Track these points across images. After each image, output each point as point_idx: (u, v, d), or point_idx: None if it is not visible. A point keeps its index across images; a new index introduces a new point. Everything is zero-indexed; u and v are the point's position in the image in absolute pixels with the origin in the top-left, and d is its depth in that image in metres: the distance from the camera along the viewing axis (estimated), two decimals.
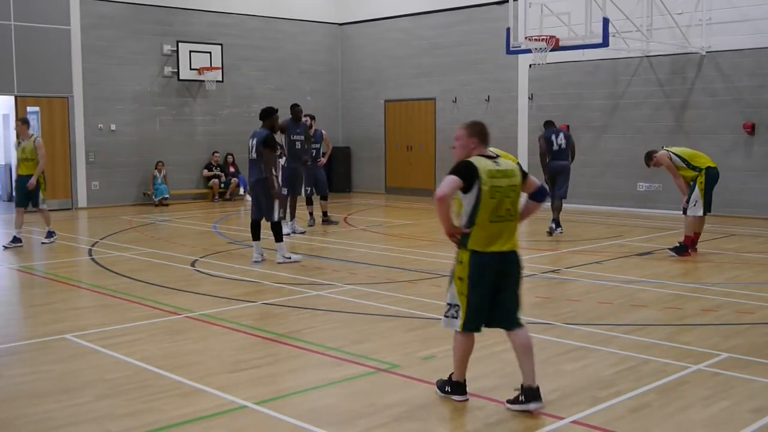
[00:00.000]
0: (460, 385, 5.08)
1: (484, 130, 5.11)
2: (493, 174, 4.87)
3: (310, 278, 9.29)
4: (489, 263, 4.87)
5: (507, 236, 4.93)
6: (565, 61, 17.09)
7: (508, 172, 4.93)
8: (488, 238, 4.87)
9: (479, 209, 4.85)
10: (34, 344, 6.60)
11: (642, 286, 8.76)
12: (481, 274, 4.86)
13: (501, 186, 4.87)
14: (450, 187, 4.83)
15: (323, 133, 14.48)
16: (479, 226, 4.87)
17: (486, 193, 4.82)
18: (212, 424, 4.72)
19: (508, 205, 4.90)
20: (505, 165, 4.98)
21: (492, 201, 4.84)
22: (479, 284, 4.87)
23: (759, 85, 14.97)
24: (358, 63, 22.24)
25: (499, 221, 4.89)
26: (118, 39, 18.53)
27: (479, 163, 4.88)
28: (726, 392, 5.21)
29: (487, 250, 4.87)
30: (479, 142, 5.06)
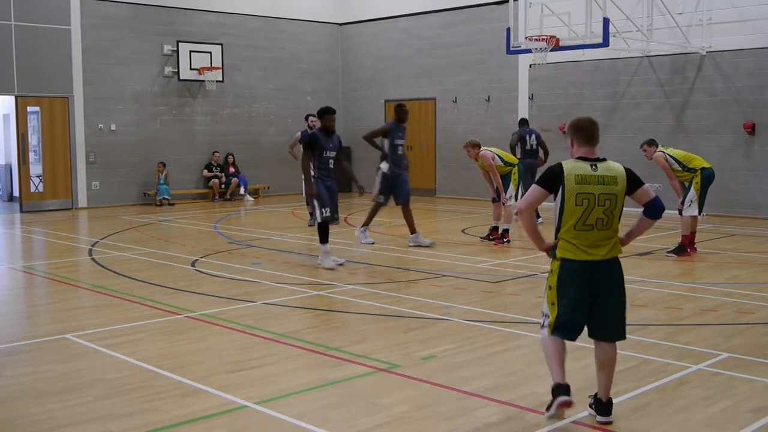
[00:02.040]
0: (561, 386, 4.61)
1: (583, 127, 4.85)
2: (585, 179, 4.60)
3: (310, 278, 9.30)
4: (578, 270, 4.62)
5: (598, 245, 4.63)
6: (565, 61, 17.09)
7: (609, 179, 4.63)
8: (575, 246, 4.62)
9: (564, 214, 4.63)
10: (35, 344, 6.60)
11: (642, 286, 8.76)
12: (571, 282, 4.63)
13: (591, 193, 4.58)
14: (530, 200, 4.69)
15: None
16: (566, 234, 4.64)
17: (571, 199, 4.58)
18: (212, 424, 4.72)
19: (599, 214, 4.60)
20: (605, 171, 4.66)
21: (578, 208, 4.58)
22: (570, 291, 4.63)
23: (759, 85, 14.97)
24: (359, 63, 22.25)
25: (586, 230, 4.60)
26: (119, 39, 18.53)
27: (570, 166, 4.68)
28: (726, 392, 5.21)
29: (575, 258, 4.62)
30: (574, 141, 4.85)
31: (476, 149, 11.75)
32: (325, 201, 9.96)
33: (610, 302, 4.68)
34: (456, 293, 8.42)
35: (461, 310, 7.62)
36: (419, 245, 11.68)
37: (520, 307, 7.98)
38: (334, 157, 10.10)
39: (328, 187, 10.07)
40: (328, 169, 10.09)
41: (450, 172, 20.00)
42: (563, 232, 4.65)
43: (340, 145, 10.24)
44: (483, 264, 10.24)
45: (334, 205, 10.09)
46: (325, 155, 10.01)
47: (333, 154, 10.08)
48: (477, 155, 11.78)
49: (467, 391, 5.25)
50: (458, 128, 19.55)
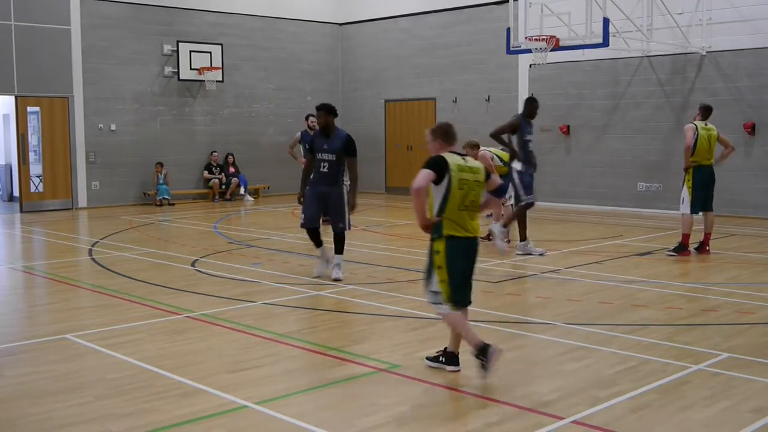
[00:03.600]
0: (454, 356, 5.63)
1: (448, 131, 5.66)
2: (462, 168, 5.45)
3: (310, 278, 9.29)
4: (463, 246, 5.46)
5: (473, 224, 5.54)
6: (565, 61, 17.09)
7: (476, 170, 5.55)
8: (459, 224, 5.44)
9: (449, 199, 5.38)
10: (35, 344, 6.60)
11: (642, 286, 8.76)
12: (457, 256, 5.44)
13: (467, 180, 5.44)
14: (425, 180, 5.34)
15: None
16: (450, 215, 5.41)
17: (455, 184, 5.38)
18: (212, 424, 4.72)
19: (472, 197, 5.48)
20: (472, 163, 5.60)
21: (460, 192, 5.41)
22: (458, 265, 5.45)
23: (759, 85, 14.97)
24: (358, 63, 22.25)
25: (465, 210, 5.46)
26: (119, 39, 18.53)
27: (450, 158, 5.46)
28: (726, 392, 5.21)
29: (460, 235, 5.44)
30: (442, 144, 5.62)
31: (476, 150, 11.75)
32: (304, 207, 9.26)
33: (471, 274, 5.62)
34: None
35: None
36: (528, 254, 10.95)
37: (520, 307, 7.98)
38: (328, 160, 9.04)
39: (319, 193, 9.14)
40: (320, 173, 9.09)
41: None
42: (447, 212, 5.42)
43: (341, 148, 9.05)
44: (483, 264, 10.23)
45: (316, 213, 9.26)
46: (318, 157, 9.11)
47: (327, 156, 9.03)
48: (476, 156, 11.76)
49: (467, 391, 5.25)
50: (458, 128, 19.41)
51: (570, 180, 17.76)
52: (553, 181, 17.98)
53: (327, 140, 9.09)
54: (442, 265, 5.43)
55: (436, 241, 5.46)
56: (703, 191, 10.74)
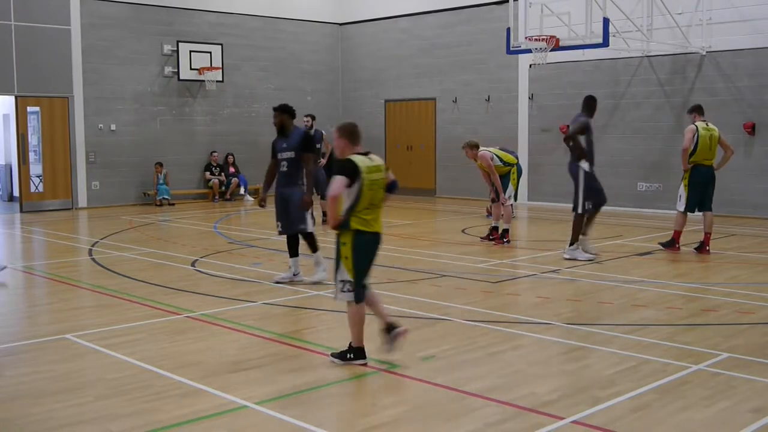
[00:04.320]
0: (361, 350, 5.85)
1: (354, 131, 5.87)
2: (370, 169, 5.71)
3: (310, 278, 9.28)
4: (368, 240, 5.78)
5: (378, 220, 5.87)
6: (565, 61, 17.09)
7: (380, 167, 5.83)
8: (367, 221, 5.75)
9: (361, 200, 5.68)
10: (35, 344, 6.60)
11: (642, 286, 8.76)
12: (363, 249, 5.77)
13: (376, 179, 5.75)
14: (341, 187, 5.63)
15: (323, 134, 14.48)
16: (359, 213, 5.71)
17: (366, 185, 5.68)
18: (212, 424, 4.72)
19: (380, 195, 5.82)
20: (377, 161, 5.83)
21: (370, 192, 5.71)
22: (363, 257, 5.77)
23: (759, 85, 14.97)
24: (358, 63, 22.25)
25: (372, 208, 5.78)
26: (119, 39, 18.53)
27: (359, 161, 5.68)
28: (726, 392, 5.21)
29: (368, 230, 5.76)
30: (348, 143, 5.83)
31: (475, 150, 11.75)
32: (276, 214, 9.16)
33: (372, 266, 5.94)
34: (456, 293, 8.42)
35: (461, 310, 7.62)
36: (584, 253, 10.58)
37: (520, 307, 7.98)
38: (287, 158, 8.85)
39: (282, 197, 9.04)
40: (281, 173, 8.95)
41: (450, 172, 20.00)
42: (357, 211, 5.70)
43: (298, 144, 8.82)
44: (483, 264, 10.24)
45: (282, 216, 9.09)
46: (278, 158, 8.94)
47: (285, 155, 8.85)
48: (476, 156, 11.78)
49: (467, 391, 5.25)
50: (458, 128, 19.54)
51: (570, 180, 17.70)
52: (553, 181, 17.98)
53: (285, 140, 8.94)
54: (348, 256, 5.74)
55: (343, 234, 5.76)
56: (700, 191, 10.85)
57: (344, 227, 5.74)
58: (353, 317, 5.82)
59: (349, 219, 5.71)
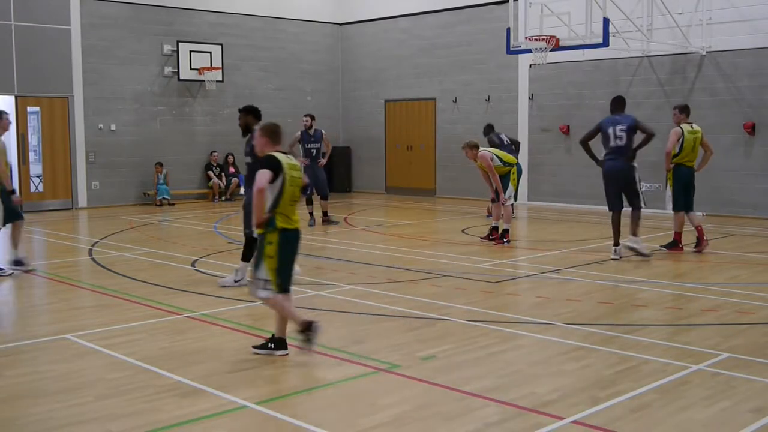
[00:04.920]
0: (283, 341, 6.10)
1: (276, 131, 6.11)
2: (291, 167, 5.95)
3: (310, 278, 9.29)
4: (292, 237, 5.95)
5: (296, 217, 6.04)
6: (565, 61, 17.09)
7: (298, 167, 6.09)
8: (290, 218, 5.93)
9: (283, 195, 5.85)
10: (35, 344, 6.60)
11: (642, 286, 8.76)
12: (288, 246, 5.92)
13: (295, 177, 5.97)
14: (266, 180, 5.77)
15: (323, 133, 14.49)
16: (283, 209, 5.87)
17: (288, 182, 5.88)
18: (212, 424, 4.72)
19: (298, 192, 6.02)
20: (294, 161, 6.05)
21: (291, 188, 5.91)
22: (288, 254, 5.93)
23: (759, 85, 14.97)
24: (358, 63, 22.25)
25: (293, 205, 5.98)
26: (119, 39, 18.53)
27: (281, 157, 5.91)
28: (726, 392, 5.21)
29: (291, 227, 5.93)
30: (269, 141, 6.06)
31: (475, 150, 11.75)
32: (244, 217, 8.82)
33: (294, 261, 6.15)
34: (456, 293, 8.42)
35: (461, 310, 7.62)
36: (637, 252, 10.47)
37: (520, 307, 7.98)
38: (247, 163, 8.75)
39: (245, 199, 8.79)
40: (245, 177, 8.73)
41: (450, 172, 20.00)
42: (280, 207, 5.86)
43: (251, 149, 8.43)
44: (483, 264, 10.24)
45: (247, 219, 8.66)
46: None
47: (246, 159, 8.80)
48: (476, 156, 11.77)
49: (467, 391, 5.25)
50: (458, 128, 19.54)
51: (570, 180, 17.76)
52: (553, 181, 17.99)
53: (247, 143, 8.76)
54: (273, 255, 5.87)
55: (269, 234, 5.87)
56: (685, 190, 11.04)
57: (270, 225, 5.86)
58: (277, 307, 6.03)
59: (274, 216, 5.86)
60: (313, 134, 14.25)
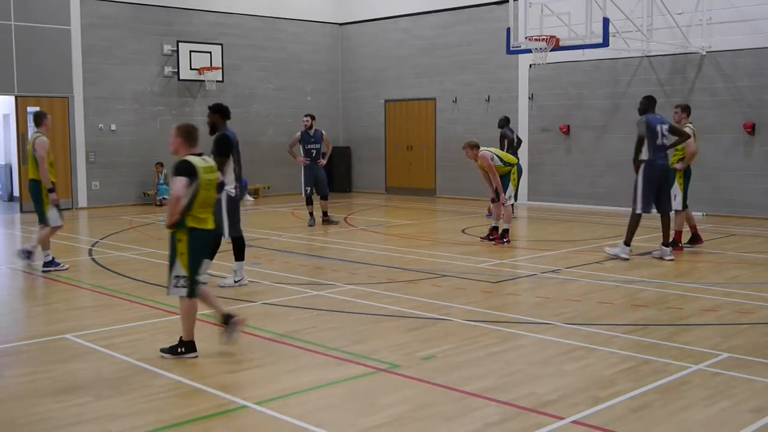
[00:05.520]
0: (192, 343, 6.11)
1: (191, 132, 6.21)
2: (205, 170, 6.05)
3: (310, 278, 9.29)
4: (201, 236, 6.03)
5: (211, 218, 6.14)
6: (565, 61, 17.09)
7: (213, 168, 6.18)
8: (201, 219, 6.02)
9: (196, 199, 5.94)
10: (34, 344, 6.60)
11: (642, 286, 8.76)
12: (197, 245, 6.01)
13: (210, 180, 6.08)
14: (184, 187, 5.91)
15: (323, 133, 14.49)
16: (194, 212, 5.97)
17: (203, 186, 5.99)
18: (212, 424, 4.72)
19: (212, 194, 6.14)
20: (210, 162, 6.18)
21: (205, 192, 6.02)
22: (198, 253, 6.02)
23: (759, 85, 14.97)
24: (358, 63, 22.25)
25: (205, 207, 6.07)
26: (119, 39, 18.53)
27: (195, 161, 6.00)
28: (726, 392, 5.21)
29: (202, 228, 6.02)
30: (183, 142, 6.16)
31: (475, 150, 11.75)
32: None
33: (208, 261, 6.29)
34: (456, 293, 8.42)
35: (461, 310, 7.62)
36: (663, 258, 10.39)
37: (520, 307, 7.98)
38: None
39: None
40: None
41: (450, 172, 20.00)
42: (192, 210, 5.96)
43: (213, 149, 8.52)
44: (483, 264, 10.24)
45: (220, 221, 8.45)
46: None
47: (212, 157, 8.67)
48: (476, 156, 11.77)
49: (467, 391, 5.25)
50: (458, 128, 19.55)
51: (570, 180, 17.77)
52: (553, 181, 17.99)
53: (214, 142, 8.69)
54: (184, 252, 5.97)
55: (178, 232, 5.99)
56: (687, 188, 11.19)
57: (180, 226, 5.97)
58: (186, 311, 6.07)
59: (185, 218, 5.95)
60: (313, 134, 14.25)
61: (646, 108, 10.68)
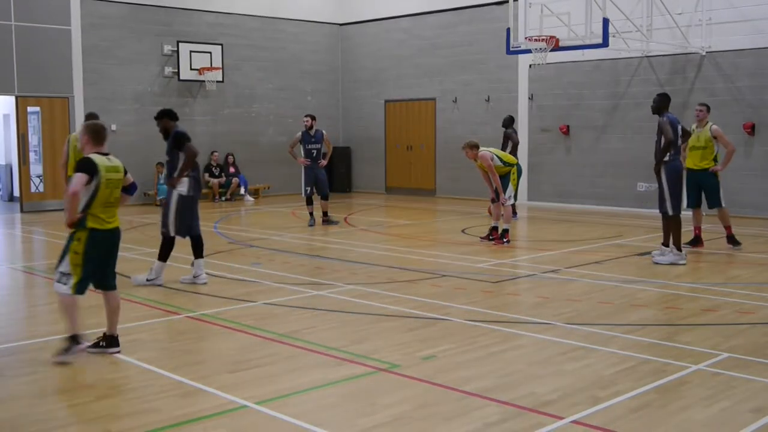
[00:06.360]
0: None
1: (98, 131, 6.15)
2: (108, 168, 6.02)
3: (310, 278, 9.29)
4: (100, 237, 6.00)
5: (115, 218, 6.14)
6: (565, 61, 17.09)
7: (119, 168, 6.15)
8: (102, 219, 6.01)
9: (96, 197, 5.96)
10: (34, 344, 6.60)
11: (642, 286, 8.76)
12: (95, 246, 5.98)
13: (113, 179, 6.05)
14: (80, 183, 5.88)
15: (324, 134, 14.48)
16: (94, 211, 5.97)
17: (103, 184, 5.97)
18: (212, 424, 4.72)
19: (116, 194, 6.11)
20: (115, 162, 6.13)
21: (106, 191, 6.00)
22: (94, 254, 5.98)
23: (759, 85, 14.97)
24: (358, 63, 22.25)
25: (109, 207, 6.06)
26: (119, 39, 18.53)
27: (98, 159, 6.00)
28: (726, 392, 5.21)
29: (102, 228, 6.00)
30: (90, 140, 6.12)
31: (475, 150, 11.75)
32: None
33: (114, 261, 6.24)
34: (456, 293, 8.42)
35: (461, 310, 7.63)
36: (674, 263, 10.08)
37: (520, 307, 7.98)
38: (165, 162, 9.55)
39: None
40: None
41: (450, 172, 20.00)
42: (92, 209, 5.96)
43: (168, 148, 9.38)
44: (483, 264, 10.24)
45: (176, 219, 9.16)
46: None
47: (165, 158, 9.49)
48: (476, 156, 11.77)
49: (467, 391, 5.25)
50: (458, 128, 19.55)
51: (570, 180, 17.77)
52: (553, 181, 17.99)
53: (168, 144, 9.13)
54: (79, 251, 5.94)
55: (78, 231, 5.96)
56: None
57: (80, 226, 5.96)
58: (65, 307, 6.02)
59: (86, 217, 5.95)
60: (314, 135, 14.25)
61: (663, 106, 10.22)
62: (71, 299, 6.01)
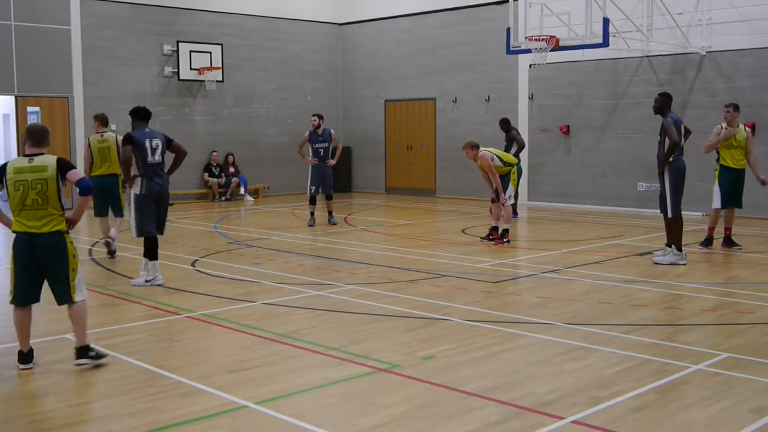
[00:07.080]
0: (21, 354, 5.84)
1: (31, 132, 5.88)
2: (21, 170, 5.75)
3: (310, 278, 9.29)
4: (23, 242, 5.76)
5: (37, 221, 5.74)
6: (565, 61, 17.09)
7: (35, 169, 5.75)
8: (21, 223, 5.76)
9: (10, 199, 5.79)
10: (34, 344, 6.57)
11: (642, 286, 8.76)
12: (17, 253, 5.78)
13: (26, 180, 5.71)
14: None
15: (332, 133, 14.46)
16: (15, 214, 5.80)
17: (11, 187, 5.76)
18: (212, 424, 4.72)
19: (33, 195, 5.72)
20: (38, 162, 5.78)
21: (17, 193, 5.73)
22: (17, 259, 5.79)
23: (759, 85, 14.96)
24: (358, 63, 22.25)
25: (26, 209, 5.73)
26: (119, 39, 18.53)
27: (12, 162, 5.84)
28: (726, 392, 5.21)
29: (20, 231, 5.77)
30: (26, 140, 5.91)
31: (475, 150, 11.75)
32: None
33: (55, 271, 5.83)
34: (456, 293, 8.42)
35: (461, 310, 7.62)
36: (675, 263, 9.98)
37: (520, 307, 7.98)
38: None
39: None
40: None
41: (450, 172, 20.00)
42: (14, 212, 5.79)
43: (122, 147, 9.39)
44: (483, 264, 10.24)
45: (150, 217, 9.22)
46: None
47: None
48: (476, 156, 11.77)
49: (467, 391, 5.25)
50: (458, 128, 19.55)
51: (570, 180, 17.77)
52: (553, 181, 17.99)
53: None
54: (11, 259, 5.83)
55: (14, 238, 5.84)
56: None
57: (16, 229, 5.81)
58: (14, 323, 5.88)
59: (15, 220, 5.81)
60: (322, 134, 14.26)
61: (665, 106, 10.03)
62: (15, 314, 5.85)
